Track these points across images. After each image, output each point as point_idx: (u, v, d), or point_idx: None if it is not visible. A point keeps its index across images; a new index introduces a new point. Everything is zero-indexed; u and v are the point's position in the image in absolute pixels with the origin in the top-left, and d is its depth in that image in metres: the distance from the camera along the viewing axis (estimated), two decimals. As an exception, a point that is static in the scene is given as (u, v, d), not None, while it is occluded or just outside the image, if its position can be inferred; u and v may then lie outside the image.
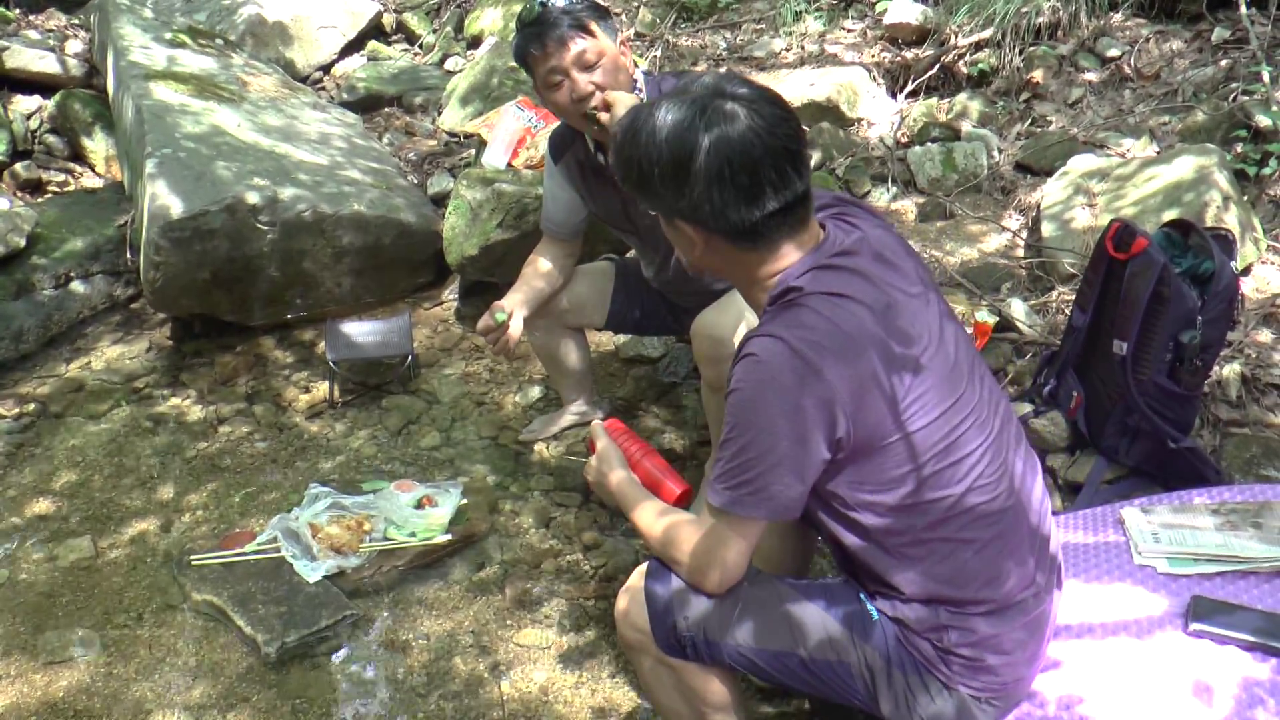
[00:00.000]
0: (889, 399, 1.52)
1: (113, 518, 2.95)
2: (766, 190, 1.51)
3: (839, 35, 5.37)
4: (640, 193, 1.60)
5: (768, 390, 1.49)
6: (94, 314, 4.04)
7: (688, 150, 1.50)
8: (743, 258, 1.59)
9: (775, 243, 1.57)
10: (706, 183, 1.49)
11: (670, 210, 1.58)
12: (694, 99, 1.53)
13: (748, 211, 1.52)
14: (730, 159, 1.49)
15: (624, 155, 1.59)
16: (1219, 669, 1.75)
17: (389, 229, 3.91)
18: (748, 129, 1.50)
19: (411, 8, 6.43)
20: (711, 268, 1.66)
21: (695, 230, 1.56)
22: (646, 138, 1.54)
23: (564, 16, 2.42)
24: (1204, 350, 2.53)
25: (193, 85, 4.37)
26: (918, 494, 1.58)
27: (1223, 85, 4.24)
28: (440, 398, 3.46)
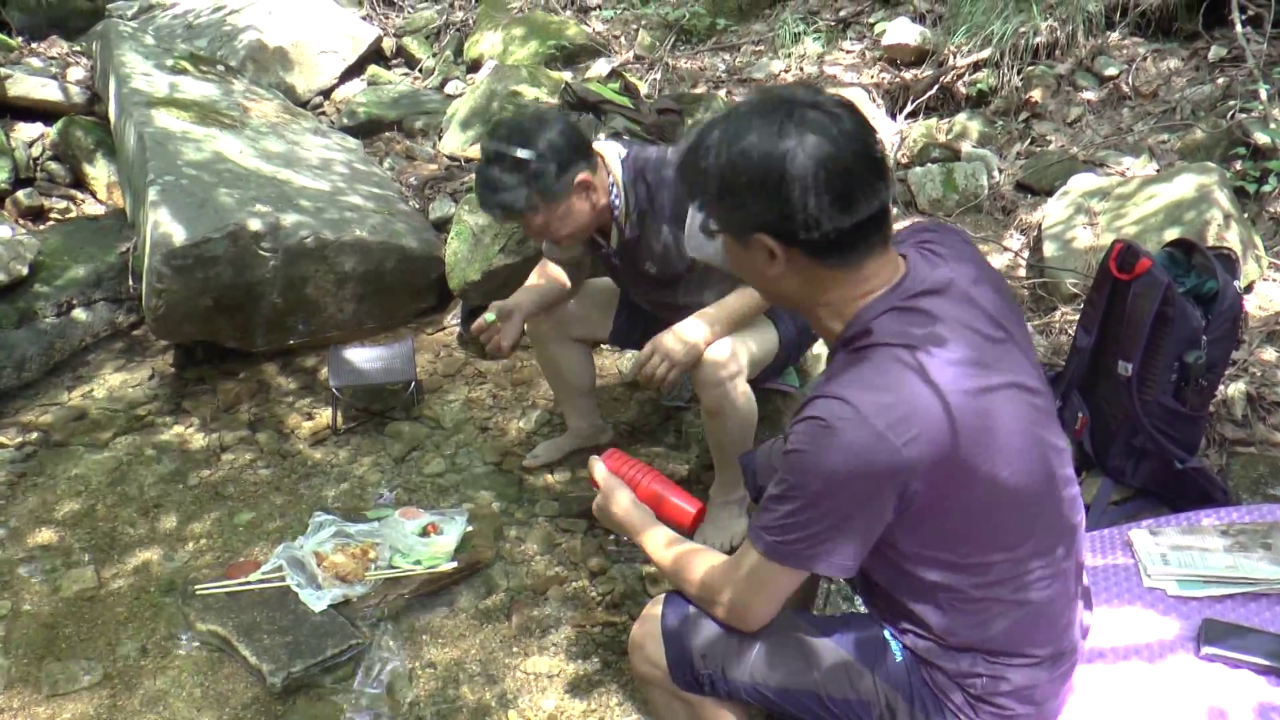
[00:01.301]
0: (962, 461, 1.45)
1: (116, 547, 2.94)
2: (858, 196, 1.44)
3: (837, 56, 5.38)
4: (717, 206, 1.51)
5: (833, 460, 1.42)
6: (96, 341, 4.04)
7: (779, 156, 1.42)
8: (824, 277, 1.50)
9: (860, 260, 1.49)
10: (801, 189, 1.41)
11: (752, 223, 1.47)
12: (774, 108, 1.47)
13: (840, 219, 1.43)
14: (824, 164, 1.41)
15: (698, 169, 1.51)
16: (1233, 693, 1.74)
17: (391, 254, 3.91)
18: (838, 134, 1.43)
19: (411, 32, 6.46)
20: (785, 293, 1.57)
21: (778, 245, 1.47)
22: (726, 150, 1.46)
23: (501, 197, 2.45)
24: (1209, 370, 2.53)
25: (194, 112, 4.39)
26: (982, 553, 1.54)
27: (1220, 103, 4.25)
28: (444, 424, 3.45)
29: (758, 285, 1.61)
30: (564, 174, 2.44)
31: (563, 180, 2.44)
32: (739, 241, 1.52)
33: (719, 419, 2.57)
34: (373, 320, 4.01)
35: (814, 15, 5.72)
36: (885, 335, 1.47)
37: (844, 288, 1.51)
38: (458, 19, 6.42)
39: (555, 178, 2.43)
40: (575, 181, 2.47)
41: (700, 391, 2.56)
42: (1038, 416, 1.54)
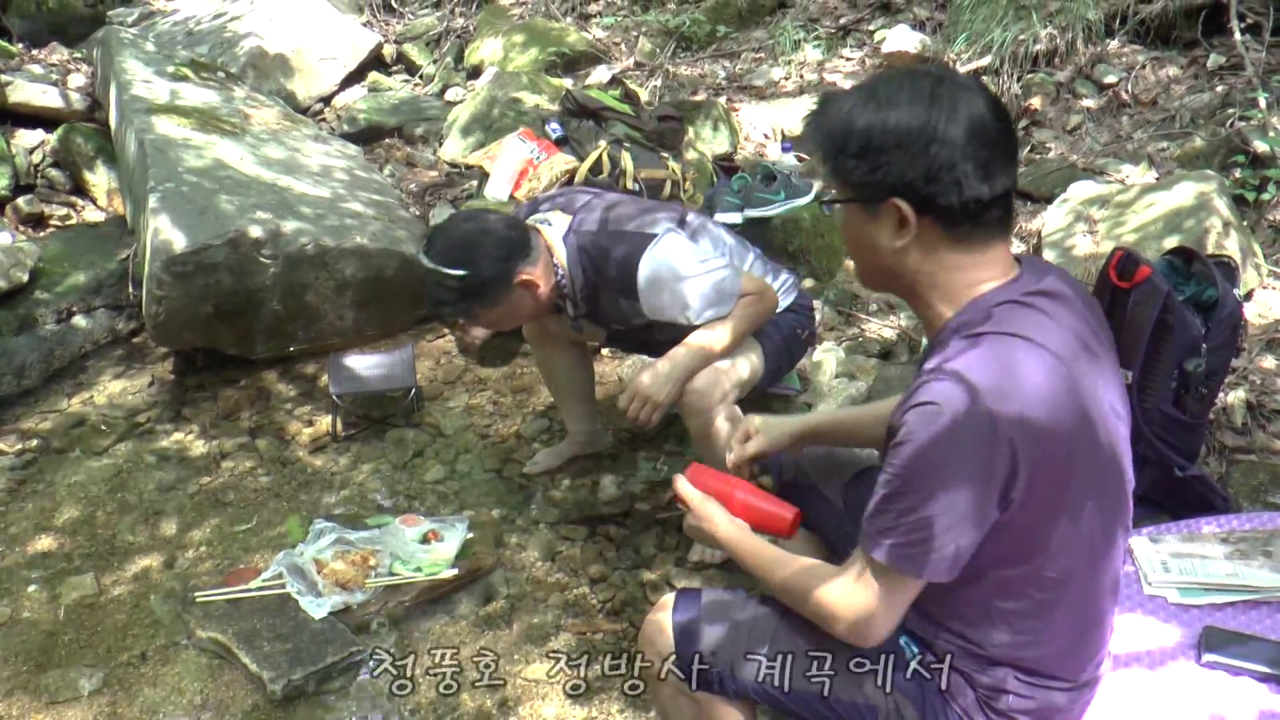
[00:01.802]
0: (1061, 464, 1.44)
1: (116, 554, 2.94)
2: (997, 170, 1.43)
3: (837, 64, 5.40)
4: (857, 166, 1.46)
5: (947, 443, 1.39)
6: (96, 348, 4.03)
7: (932, 117, 1.41)
8: (946, 257, 1.48)
9: (983, 243, 1.48)
10: (950, 150, 1.40)
11: (891, 183, 1.44)
12: (922, 77, 1.46)
13: (980, 187, 1.41)
14: (974, 131, 1.41)
15: (840, 127, 1.48)
16: (1234, 701, 1.74)
17: (391, 261, 3.91)
18: (986, 107, 1.44)
19: (411, 39, 6.47)
20: (900, 270, 1.52)
21: (912, 211, 1.44)
22: (876, 108, 1.44)
23: (441, 310, 2.62)
24: (1209, 377, 2.53)
25: (195, 119, 4.39)
26: (1053, 567, 1.52)
27: (1219, 111, 4.26)
28: (444, 430, 3.45)
29: (870, 262, 1.56)
30: (502, 282, 2.53)
31: (501, 287, 2.53)
32: (867, 209, 1.49)
33: (706, 441, 2.59)
34: (373, 327, 4.01)
35: (814, 22, 5.74)
36: (1003, 325, 1.44)
37: (962, 271, 1.49)
38: (458, 25, 6.44)
39: (493, 288, 2.52)
40: (515, 282, 2.54)
41: (686, 419, 2.59)
42: (1122, 443, 1.54)
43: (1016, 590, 1.53)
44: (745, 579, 2.65)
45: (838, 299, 3.71)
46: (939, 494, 1.40)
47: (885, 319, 3.59)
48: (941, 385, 1.40)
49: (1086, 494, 1.48)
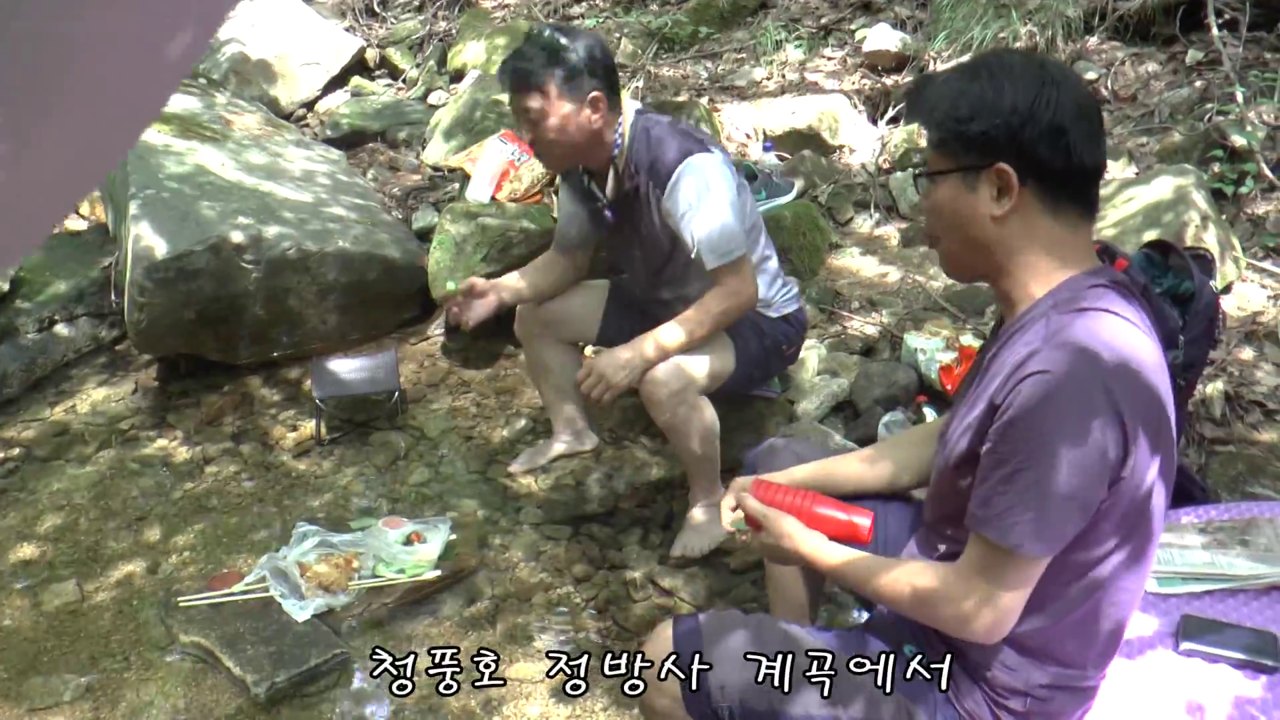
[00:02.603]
0: (1158, 442, 1.42)
1: (99, 561, 2.93)
2: (1098, 142, 1.48)
3: (819, 63, 5.41)
4: (966, 128, 1.48)
5: (1065, 409, 1.37)
6: (78, 356, 4.02)
7: (1045, 85, 1.45)
8: (1042, 232, 1.49)
9: (1077, 220, 1.50)
10: (1061, 114, 1.43)
11: (999, 144, 1.46)
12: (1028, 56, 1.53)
13: (1085, 155, 1.45)
14: (1081, 103, 1.46)
15: (951, 91, 1.51)
16: (1211, 688, 1.75)
17: (374, 265, 3.91)
18: (1087, 87, 1.49)
19: (394, 43, 6.46)
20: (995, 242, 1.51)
21: (1016, 177, 1.45)
22: (988, 74, 1.48)
23: (525, 66, 2.55)
24: (1187, 369, 2.54)
25: (176, 125, 4.38)
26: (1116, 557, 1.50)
27: (1198, 106, 4.28)
28: (428, 433, 3.45)
29: (965, 236, 1.54)
30: (585, 75, 2.55)
31: (582, 80, 2.55)
32: (968, 177, 1.50)
33: (675, 435, 2.61)
34: (356, 331, 4.01)
35: (795, 22, 5.75)
36: (1102, 304, 1.44)
37: (1056, 250, 1.49)
38: (441, 29, 6.43)
39: (577, 72, 2.54)
40: (590, 94, 2.56)
41: (650, 412, 2.60)
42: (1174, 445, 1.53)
43: (1077, 573, 1.50)
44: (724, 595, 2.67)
45: (819, 297, 3.72)
46: (1062, 464, 1.37)
47: (867, 316, 3.60)
48: (1053, 355, 1.39)
49: (1154, 492, 1.46)
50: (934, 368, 3.09)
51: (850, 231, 4.38)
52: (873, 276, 4.02)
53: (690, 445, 2.63)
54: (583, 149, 2.66)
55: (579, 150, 2.66)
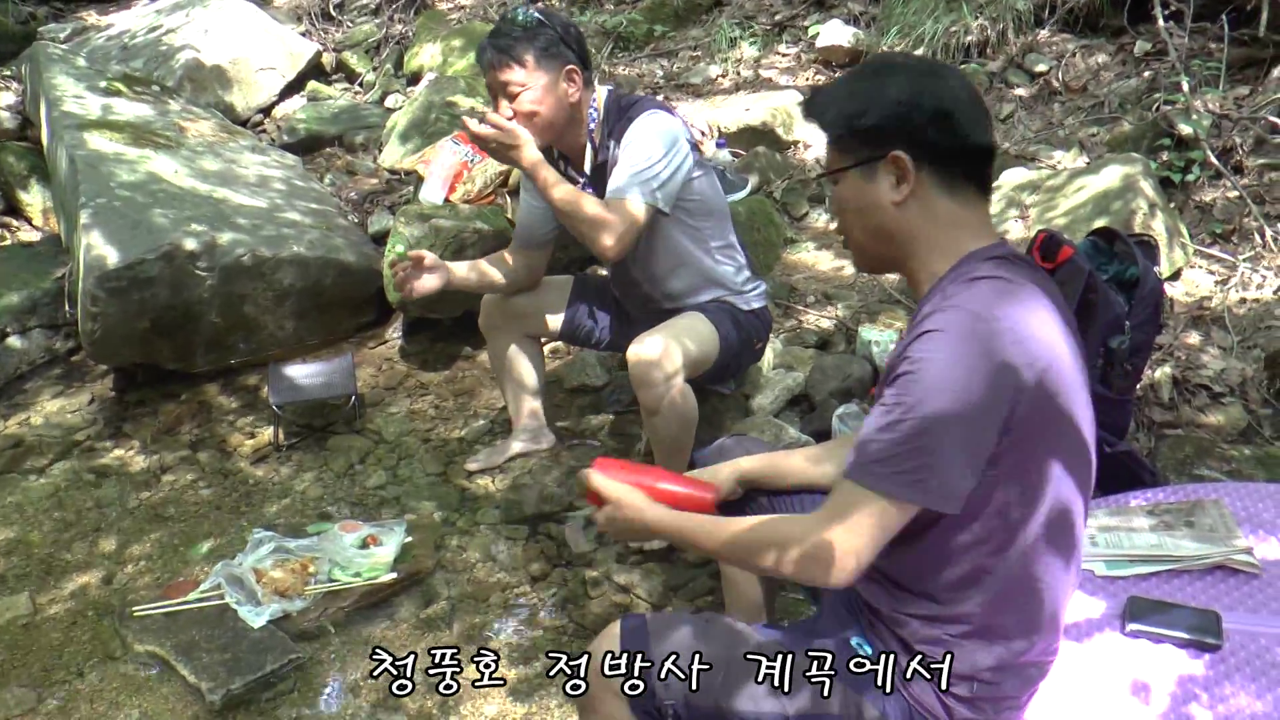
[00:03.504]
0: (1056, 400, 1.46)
1: (52, 573, 2.90)
2: (987, 124, 1.57)
3: (773, 60, 5.43)
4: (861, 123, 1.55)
5: (947, 365, 1.41)
6: (33, 369, 3.99)
7: (931, 76, 1.56)
8: (941, 214, 1.55)
9: (975, 199, 1.58)
10: (949, 99, 1.52)
11: (894, 133, 1.53)
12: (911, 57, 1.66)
13: (977, 135, 1.54)
14: (964, 89, 1.56)
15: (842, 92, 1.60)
16: (1155, 667, 1.77)
17: (329, 269, 3.90)
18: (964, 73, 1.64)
19: (351, 46, 6.44)
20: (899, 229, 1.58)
21: (911, 162, 1.53)
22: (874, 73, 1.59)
23: (504, 41, 2.60)
24: (1133, 354, 2.57)
25: (128, 133, 4.35)
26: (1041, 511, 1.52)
27: (1146, 96, 4.33)
28: (385, 436, 3.44)
29: (869, 225, 1.61)
30: (561, 49, 2.62)
31: (560, 51, 2.62)
32: (867, 170, 1.57)
33: (656, 417, 2.60)
34: (314, 336, 3.99)
35: (750, 20, 5.78)
36: (997, 273, 1.49)
37: (956, 228, 1.56)
38: (397, 32, 6.41)
39: (554, 43, 2.61)
40: (566, 66, 2.63)
41: (636, 390, 2.59)
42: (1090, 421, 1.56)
43: (1002, 543, 1.52)
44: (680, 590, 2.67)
45: (775, 292, 3.73)
46: (943, 417, 1.41)
47: (823, 310, 3.62)
48: (943, 315, 1.44)
49: (1062, 453, 1.50)
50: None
51: (805, 226, 4.40)
52: (827, 271, 4.04)
53: (669, 429, 2.63)
54: (560, 125, 2.69)
55: (557, 125, 2.69)
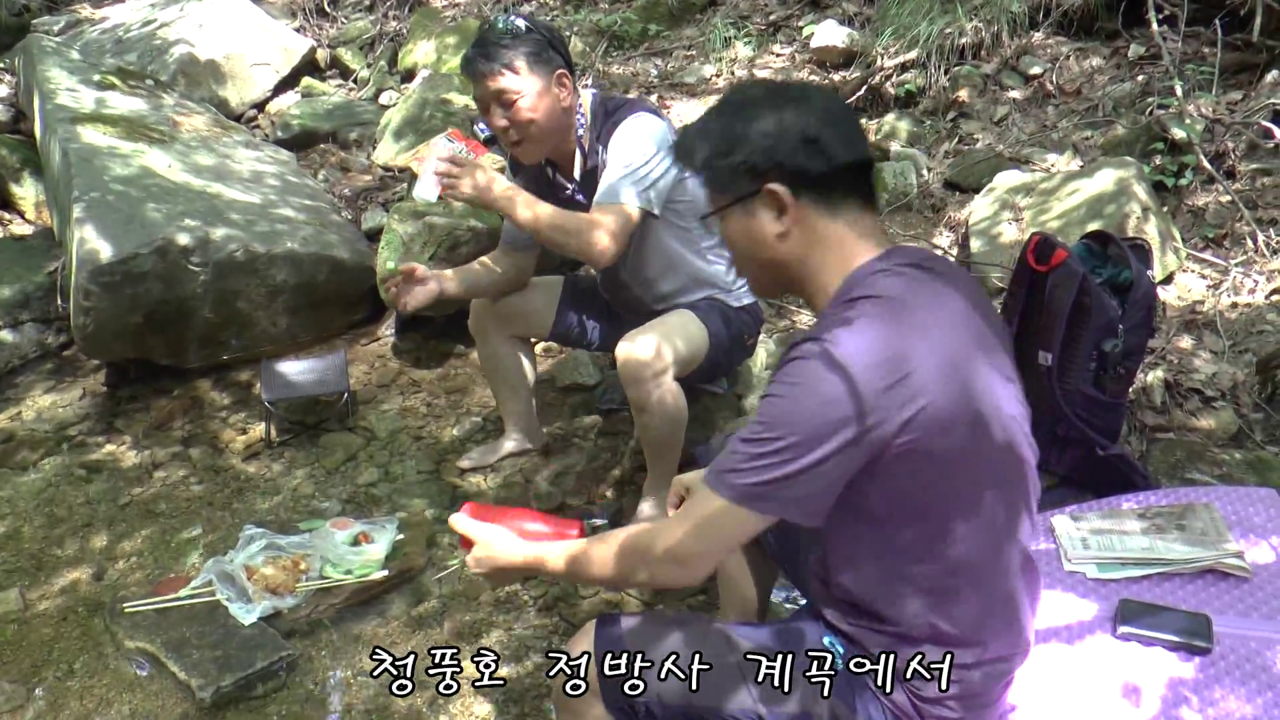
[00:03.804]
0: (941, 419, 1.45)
1: (43, 568, 2.89)
2: (855, 138, 1.58)
3: (768, 60, 5.44)
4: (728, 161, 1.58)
5: (814, 392, 1.43)
6: (24, 363, 3.97)
7: (790, 102, 1.56)
8: (825, 235, 1.57)
9: (856, 213, 1.58)
10: (810, 124, 1.54)
11: (764, 166, 1.55)
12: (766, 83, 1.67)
13: (846, 150, 1.55)
14: (828, 108, 1.57)
15: (706, 134, 1.62)
16: (1146, 670, 1.78)
17: (323, 266, 3.89)
18: (829, 93, 1.62)
19: (345, 43, 6.43)
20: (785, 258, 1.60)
21: (788, 193, 1.54)
22: (734, 108, 1.60)
23: (491, 49, 2.55)
24: (1126, 358, 2.58)
25: (122, 127, 4.33)
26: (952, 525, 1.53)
27: (1140, 100, 4.35)
28: (378, 433, 3.43)
29: (759, 259, 1.63)
30: (549, 54, 2.59)
31: (547, 59, 2.58)
32: (746, 207, 1.58)
33: (646, 415, 2.59)
34: (306, 333, 3.98)
35: (744, 19, 5.78)
36: (878, 290, 1.50)
37: (841, 247, 1.57)
38: (392, 29, 6.41)
39: (542, 49, 2.57)
40: (556, 71, 2.60)
41: (625, 388, 2.59)
42: (1013, 421, 1.55)
43: (923, 550, 1.53)
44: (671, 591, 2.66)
45: (770, 292, 3.73)
46: (798, 442, 1.44)
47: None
48: (812, 344, 1.46)
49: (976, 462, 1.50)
50: (881, 361, 3.11)
51: (800, 227, 4.39)
52: (822, 271, 4.03)
53: (658, 427, 2.62)
54: (556, 131, 2.66)
55: (554, 131, 2.66)
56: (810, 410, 1.43)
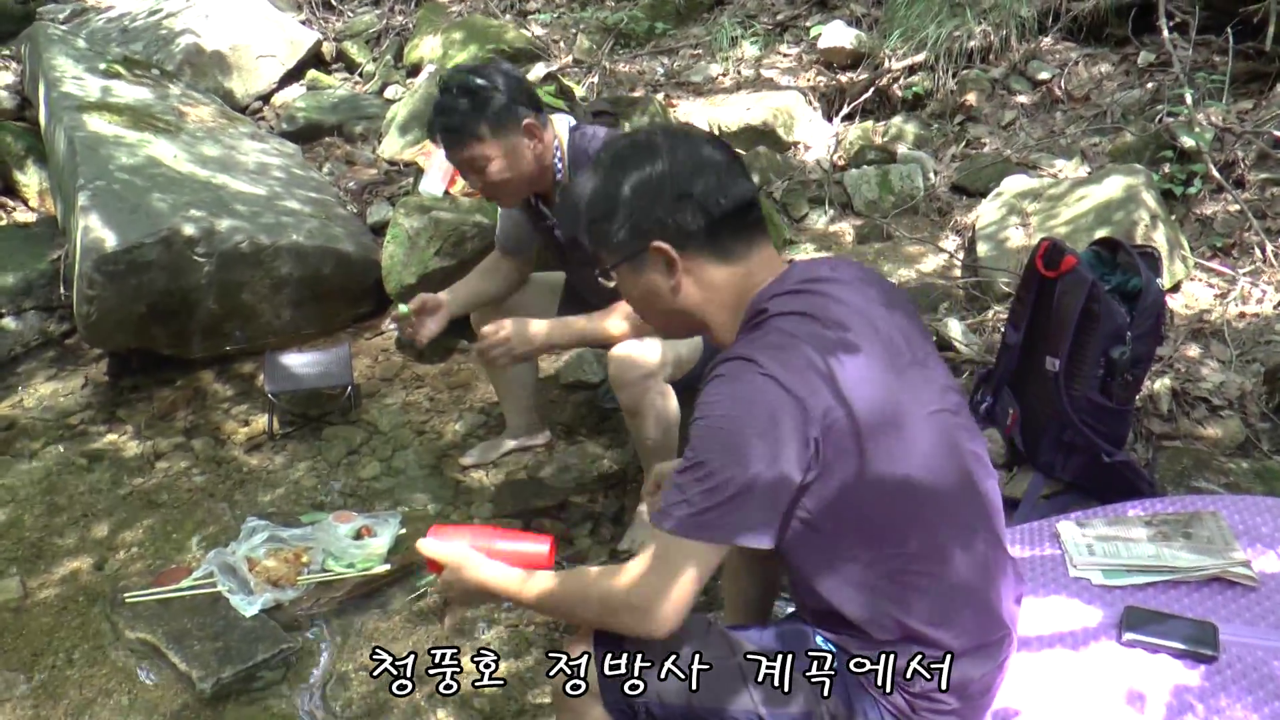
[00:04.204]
0: (865, 427, 1.47)
1: (44, 557, 2.88)
2: (731, 181, 1.57)
3: (775, 60, 5.43)
4: (612, 227, 1.59)
5: (738, 410, 1.44)
6: (27, 351, 3.97)
7: (660, 159, 1.56)
8: (717, 278, 1.59)
9: (746, 251, 1.60)
10: (683, 179, 1.55)
11: (647, 228, 1.56)
12: (635, 136, 1.62)
13: (724, 200, 1.56)
14: (697, 158, 1.57)
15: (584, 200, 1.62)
16: (1151, 677, 1.77)
17: (328, 259, 3.88)
18: (699, 140, 1.61)
19: (351, 36, 6.42)
20: (686, 308, 1.62)
21: (672, 247, 1.56)
22: (606, 174, 1.59)
23: (452, 118, 2.50)
24: (1134, 365, 2.57)
25: (127, 116, 4.33)
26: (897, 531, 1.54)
27: (1149, 107, 4.34)
28: (381, 427, 3.43)
29: (660, 311, 1.65)
30: (513, 108, 2.50)
31: (511, 114, 2.50)
32: (635, 265, 1.60)
33: (637, 418, 2.58)
34: (310, 326, 3.98)
35: (751, 19, 5.78)
36: (780, 308, 1.53)
37: (735, 284, 1.60)
38: (398, 23, 6.40)
39: (505, 109, 2.49)
40: (523, 122, 2.52)
41: (615, 390, 2.57)
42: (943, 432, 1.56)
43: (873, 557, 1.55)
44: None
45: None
46: (726, 460, 1.44)
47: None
48: (730, 364, 1.48)
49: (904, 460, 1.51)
50: (887, 363, 3.10)
51: (805, 228, 4.40)
52: (828, 273, 4.03)
53: (650, 430, 2.61)
54: (530, 179, 2.61)
55: (529, 180, 2.62)
56: (737, 429, 1.44)
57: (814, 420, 1.44)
